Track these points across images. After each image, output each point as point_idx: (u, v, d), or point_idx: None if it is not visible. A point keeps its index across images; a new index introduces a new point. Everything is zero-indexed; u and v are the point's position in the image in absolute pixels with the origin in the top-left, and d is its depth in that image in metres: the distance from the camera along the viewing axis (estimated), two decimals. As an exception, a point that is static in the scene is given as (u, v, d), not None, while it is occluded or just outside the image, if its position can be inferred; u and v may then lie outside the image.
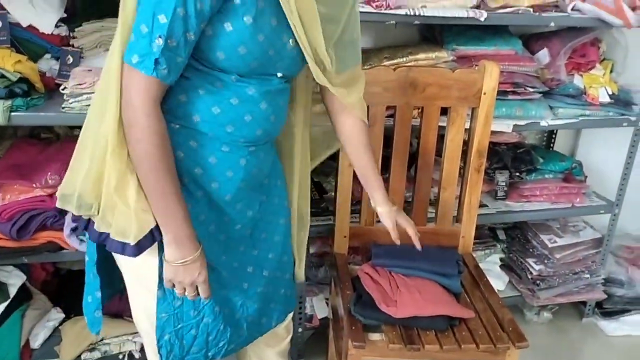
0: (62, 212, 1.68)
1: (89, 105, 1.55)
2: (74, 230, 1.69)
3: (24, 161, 1.74)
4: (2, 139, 1.85)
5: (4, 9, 1.67)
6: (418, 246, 1.47)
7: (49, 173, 1.67)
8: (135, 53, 0.99)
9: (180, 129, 1.12)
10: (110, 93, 1.04)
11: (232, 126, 1.13)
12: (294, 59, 1.15)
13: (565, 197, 2.27)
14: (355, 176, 1.56)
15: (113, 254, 1.17)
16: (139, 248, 1.09)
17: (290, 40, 1.11)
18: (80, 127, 1.90)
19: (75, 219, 1.65)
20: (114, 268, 1.25)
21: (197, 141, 1.13)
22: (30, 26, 1.70)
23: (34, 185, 1.67)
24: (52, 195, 1.68)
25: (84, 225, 1.17)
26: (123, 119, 1.03)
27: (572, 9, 1.92)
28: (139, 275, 1.20)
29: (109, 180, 1.08)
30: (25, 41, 1.72)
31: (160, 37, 0.97)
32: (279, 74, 1.15)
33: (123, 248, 1.10)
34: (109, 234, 1.10)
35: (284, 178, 1.40)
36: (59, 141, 1.86)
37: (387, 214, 1.46)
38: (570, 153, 2.66)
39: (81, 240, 1.72)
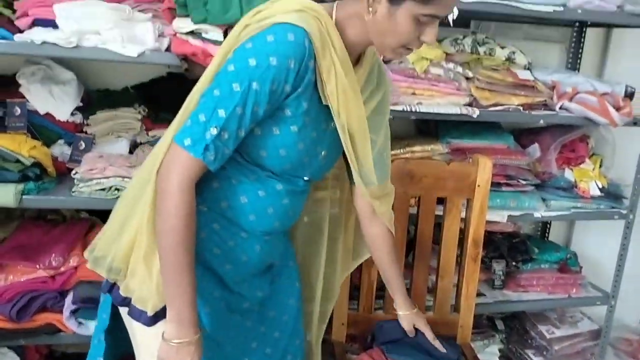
0: (63, 294, 1.71)
1: (98, 189, 1.64)
2: (73, 312, 1.69)
3: (29, 242, 1.77)
4: (9, 220, 1.89)
5: (24, 97, 1.77)
6: (440, 347, 1.53)
7: (53, 255, 1.69)
8: (189, 136, 1.06)
9: (207, 212, 1.18)
10: (156, 167, 1.11)
11: (255, 215, 1.20)
12: (322, 167, 1.27)
13: (562, 287, 2.29)
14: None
15: (125, 322, 1.22)
16: (154, 318, 1.15)
17: (323, 152, 1.22)
18: (88, 211, 1.97)
19: (75, 301, 1.67)
20: (119, 338, 1.27)
21: (220, 225, 1.20)
22: (47, 113, 1.79)
23: (38, 266, 1.69)
24: (54, 277, 1.70)
25: (107, 288, 1.22)
26: (158, 190, 1.09)
27: (560, 108, 2.03)
28: (150, 344, 1.19)
29: (139, 249, 1.14)
30: (41, 127, 1.80)
31: (215, 127, 1.05)
32: (306, 177, 1.25)
33: (140, 315, 1.15)
34: (131, 299, 1.16)
35: (294, 259, 1.44)
36: (64, 223, 1.90)
37: (406, 317, 1.54)
38: (565, 243, 2.70)
39: (79, 323, 1.71)
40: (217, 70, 1.09)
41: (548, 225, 2.63)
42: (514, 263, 2.27)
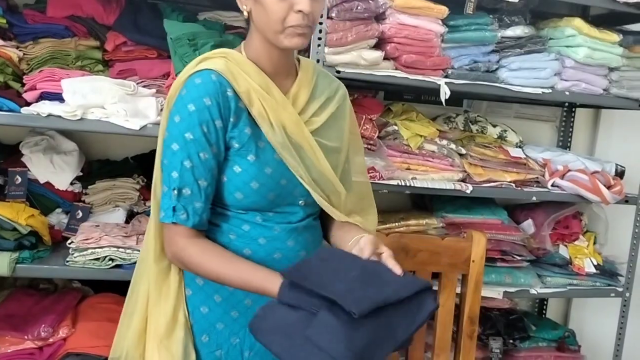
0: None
1: (93, 259, 1.63)
2: (59, 387, 1.65)
3: (19, 312, 1.74)
4: (1, 288, 1.87)
5: (25, 166, 1.80)
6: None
7: (43, 325, 1.66)
8: (162, 210, 1.15)
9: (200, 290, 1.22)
10: (149, 252, 1.23)
11: (265, 266, 1.16)
12: (310, 184, 1.22)
13: (561, 366, 2.24)
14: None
15: None
16: None
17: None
18: (81, 281, 1.95)
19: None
20: None
21: (208, 307, 1.22)
22: (47, 182, 1.82)
23: (26, 337, 1.65)
24: (42, 348, 1.66)
25: None
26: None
27: (552, 185, 2.07)
28: None
29: (156, 329, 1.19)
30: (40, 195, 1.83)
31: (174, 189, 1.13)
32: (301, 202, 1.23)
33: None
34: None
35: None
36: (56, 292, 1.88)
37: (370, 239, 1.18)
38: (563, 321, 2.66)
39: (64, 398, 1.66)
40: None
41: (545, 302, 2.61)
42: (511, 341, 2.23)
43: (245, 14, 1.17)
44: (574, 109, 2.51)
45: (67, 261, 1.63)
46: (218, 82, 1.13)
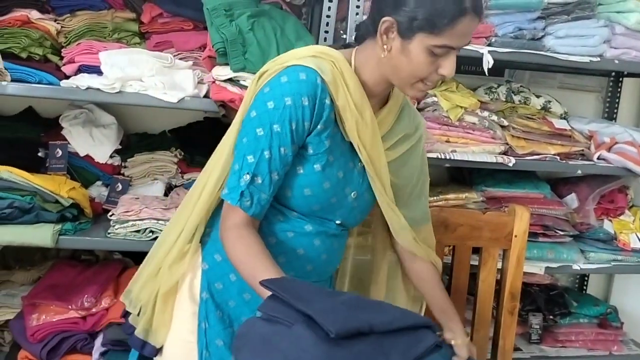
0: (93, 336, 1.72)
1: (133, 231, 1.65)
2: (103, 354, 1.69)
3: (63, 282, 1.79)
4: (44, 259, 1.91)
5: (65, 139, 1.82)
6: None
7: (86, 295, 1.70)
8: (227, 186, 1.13)
9: (222, 262, 1.19)
10: (186, 209, 1.23)
11: (285, 257, 1.19)
12: (354, 210, 1.24)
13: (602, 344, 2.20)
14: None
15: None
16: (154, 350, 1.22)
17: (353, 194, 1.21)
18: (122, 253, 1.99)
19: (105, 343, 1.67)
20: None
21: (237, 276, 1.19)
22: (86, 155, 1.84)
23: (70, 307, 1.70)
24: (85, 318, 1.70)
25: (138, 345, 1.25)
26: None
27: (598, 158, 2.00)
28: None
29: (160, 287, 1.22)
30: (80, 169, 1.85)
31: (247, 173, 1.10)
32: (338, 221, 1.23)
33: (143, 346, 1.23)
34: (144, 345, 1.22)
35: None
36: (98, 264, 1.92)
37: (465, 346, 1.34)
38: (604, 297, 2.60)
39: (108, 366, 1.70)
40: (243, 117, 1.14)
41: (586, 278, 2.54)
42: (551, 317, 2.19)
43: (385, 53, 1.10)
44: (621, 79, 2.41)
45: (109, 233, 1.66)
46: (319, 87, 1.10)
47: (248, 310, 1.19)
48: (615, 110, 2.43)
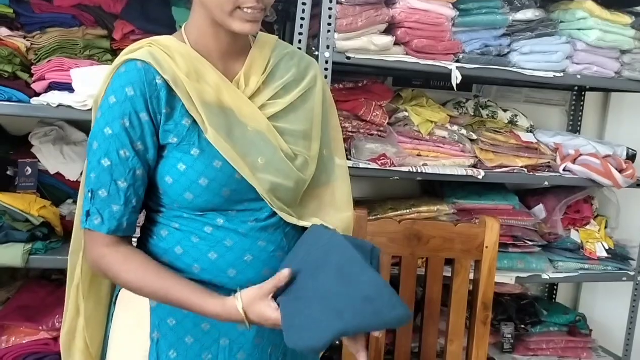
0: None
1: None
2: (74, 376, 1.65)
3: (33, 303, 1.75)
4: (14, 280, 1.87)
5: (35, 157, 1.80)
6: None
7: (57, 316, 1.67)
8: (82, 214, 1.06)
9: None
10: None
11: (235, 270, 1.07)
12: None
13: (572, 351, 2.25)
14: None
15: None
16: None
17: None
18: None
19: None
20: None
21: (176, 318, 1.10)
22: (57, 173, 1.81)
23: (41, 327, 1.67)
24: (56, 339, 1.67)
25: None
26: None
27: (564, 170, 2.06)
28: None
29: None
30: (50, 187, 1.82)
31: (90, 191, 1.03)
32: (262, 201, 1.09)
33: None
34: None
35: None
36: (69, 283, 1.88)
37: None
38: (573, 306, 2.66)
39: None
40: None
41: (555, 287, 2.60)
42: (522, 326, 2.23)
43: None
44: (583, 93, 2.49)
45: (80, 252, 1.63)
46: (143, 70, 1.01)
47: (210, 341, 1.08)
48: (579, 123, 2.52)
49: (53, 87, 1.62)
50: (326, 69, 1.69)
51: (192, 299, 1.02)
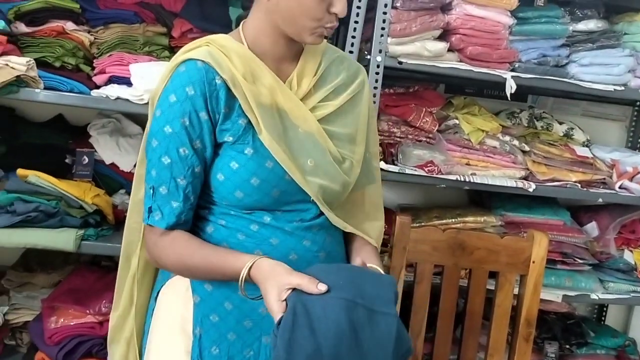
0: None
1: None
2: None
3: (82, 287, 1.82)
4: (66, 264, 1.95)
5: (92, 147, 1.87)
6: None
7: (104, 301, 1.73)
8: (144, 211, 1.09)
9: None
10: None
11: None
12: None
13: (620, 376, 2.15)
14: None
15: None
16: None
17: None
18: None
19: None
20: None
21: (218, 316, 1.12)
22: (112, 163, 1.88)
23: (88, 311, 1.73)
24: (102, 323, 1.73)
25: None
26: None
27: (620, 187, 1.98)
28: None
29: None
30: (105, 176, 1.89)
31: (151, 188, 1.06)
32: (310, 201, 1.11)
33: None
34: None
35: None
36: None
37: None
38: (623, 329, 2.55)
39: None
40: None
41: (605, 309, 2.50)
42: (567, 346, 2.15)
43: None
44: (646, 108, 2.39)
45: (129, 240, 1.68)
46: (204, 70, 1.03)
47: (252, 338, 1.10)
48: (639, 140, 2.41)
49: (113, 80, 1.69)
50: (377, 73, 1.69)
51: (228, 257, 1.04)
